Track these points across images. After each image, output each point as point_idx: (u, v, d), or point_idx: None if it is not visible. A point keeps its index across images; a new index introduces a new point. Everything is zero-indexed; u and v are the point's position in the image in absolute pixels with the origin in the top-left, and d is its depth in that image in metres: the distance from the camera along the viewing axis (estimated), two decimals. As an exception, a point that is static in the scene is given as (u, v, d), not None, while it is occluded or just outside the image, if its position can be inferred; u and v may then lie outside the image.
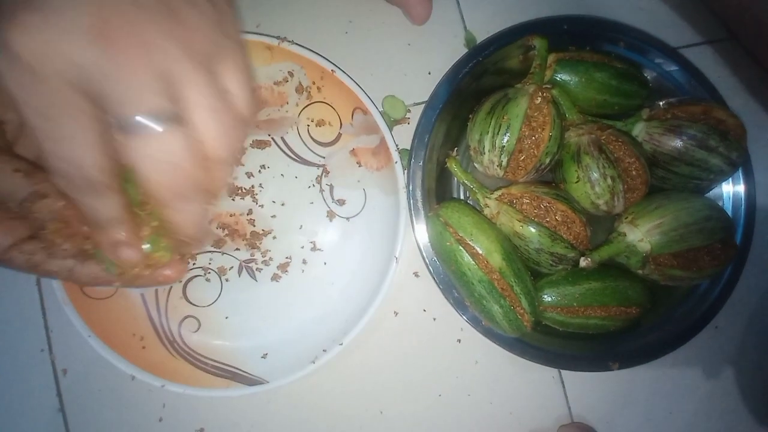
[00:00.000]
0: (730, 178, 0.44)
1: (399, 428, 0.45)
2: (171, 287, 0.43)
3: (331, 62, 0.42)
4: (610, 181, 0.39)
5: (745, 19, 0.42)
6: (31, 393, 0.44)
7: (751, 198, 0.44)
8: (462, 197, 0.46)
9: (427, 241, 0.42)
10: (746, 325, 0.47)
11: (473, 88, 0.43)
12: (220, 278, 0.44)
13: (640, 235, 0.39)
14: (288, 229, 0.44)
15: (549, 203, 0.39)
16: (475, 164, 0.41)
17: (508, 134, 0.38)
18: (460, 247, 0.38)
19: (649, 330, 0.44)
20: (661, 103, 0.42)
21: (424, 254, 0.42)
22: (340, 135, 0.45)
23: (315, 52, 0.42)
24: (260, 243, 0.44)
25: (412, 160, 0.42)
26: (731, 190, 0.44)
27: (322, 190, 0.45)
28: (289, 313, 0.44)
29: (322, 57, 0.42)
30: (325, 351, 0.41)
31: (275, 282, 0.44)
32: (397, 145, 0.42)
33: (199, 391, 0.41)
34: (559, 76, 0.42)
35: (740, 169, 0.43)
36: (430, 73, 0.46)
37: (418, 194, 0.42)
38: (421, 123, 0.43)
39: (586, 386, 0.46)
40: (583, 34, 0.44)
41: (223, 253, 0.44)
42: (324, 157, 0.45)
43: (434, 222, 0.40)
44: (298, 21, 0.45)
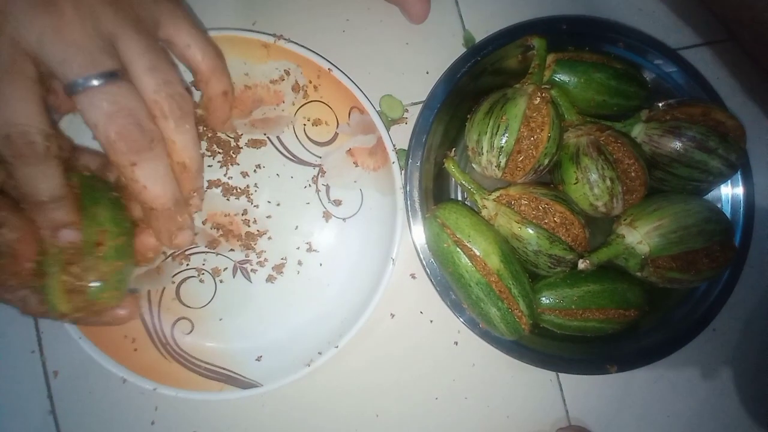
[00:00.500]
0: (729, 180, 0.44)
1: (395, 431, 0.44)
2: (164, 288, 0.43)
3: (328, 61, 0.42)
4: (609, 183, 0.39)
5: (745, 20, 0.41)
6: (22, 395, 0.43)
7: (750, 200, 0.44)
8: (460, 198, 0.45)
9: (424, 242, 0.41)
10: (744, 328, 0.47)
11: (471, 88, 0.43)
12: (214, 279, 0.43)
13: (639, 237, 0.39)
14: (283, 230, 0.44)
15: (547, 204, 0.39)
16: (473, 165, 0.41)
17: (507, 135, 0.38)
18: (458, 249, 0.38)
19: (647, 332, 0.44)
20: (661, 105, 0.42)
21: (421, 256, 0.42)
22: (336, 135, 0.44)
23: (312, 51, 0.42)
24: (255, 244, 0.43)
25: (410, 161, 0.42)
26: (730, 192, 0.44)
27: (318, 191, 0.44)
28: (284, 315, 0.44)
29: (319, 55, 0.42)
30: (320, 353, 0.41)
31: (270, 283, 0.44)
32: (394, 145, 0.42)
33: (192, 394, 0.41)
34: (558, 76, 0.42)
35: (739, 171, 0.43)
36: (428, 73, 0.46)
37: (416, 195, 0.41)
38: (418, 123, 0.42)
39: (584, 389, 0.46)
40: (582, 34, 0.44)
41: (218, 254, 0.43)
42: (320, 157, 0.44)
43: (431, 223, 0.40)
44: (295, 19, 0.45)
